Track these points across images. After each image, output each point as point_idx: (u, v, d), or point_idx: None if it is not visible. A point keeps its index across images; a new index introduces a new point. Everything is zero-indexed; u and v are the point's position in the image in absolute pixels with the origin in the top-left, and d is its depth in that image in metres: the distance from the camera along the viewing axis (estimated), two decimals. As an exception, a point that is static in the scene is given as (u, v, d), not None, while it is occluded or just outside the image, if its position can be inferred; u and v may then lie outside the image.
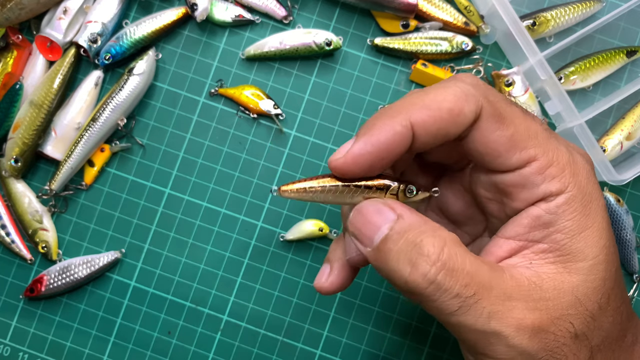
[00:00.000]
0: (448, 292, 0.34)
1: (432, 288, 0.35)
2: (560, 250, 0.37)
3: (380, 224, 0.36)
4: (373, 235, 0.37)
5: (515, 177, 0.38)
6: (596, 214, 0.37)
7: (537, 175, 0.37)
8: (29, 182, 0.62)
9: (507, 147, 0.37)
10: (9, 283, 0.62)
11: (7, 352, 0.61)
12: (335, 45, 0.61)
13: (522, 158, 0.37)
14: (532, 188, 0.37)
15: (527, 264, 0.37)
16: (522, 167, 0.37)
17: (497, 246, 0.39)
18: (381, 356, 0.61)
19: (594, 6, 0.63)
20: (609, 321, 0.38)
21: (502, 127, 0.37)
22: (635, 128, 0.62)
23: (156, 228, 0.62)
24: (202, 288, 0.62)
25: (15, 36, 0.61)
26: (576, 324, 0.36)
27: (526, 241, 0.38)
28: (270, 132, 0.63)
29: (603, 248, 0.37)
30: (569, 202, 0.37)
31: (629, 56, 0.62)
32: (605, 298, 0.37)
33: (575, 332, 0.36)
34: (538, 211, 0.37)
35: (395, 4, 0.60)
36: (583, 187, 0.37)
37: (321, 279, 0.43)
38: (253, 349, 0.61)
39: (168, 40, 0.63)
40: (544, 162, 0.37)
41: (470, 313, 0.35)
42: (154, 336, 0.61)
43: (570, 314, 0.36)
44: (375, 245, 0.36)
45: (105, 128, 0.60)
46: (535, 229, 0.38)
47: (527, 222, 0.38)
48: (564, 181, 0.37)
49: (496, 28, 0.62)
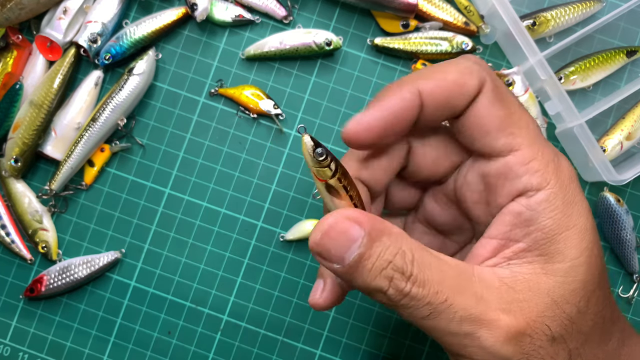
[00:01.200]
0: (420, 300, 0.34)
1: (406, 300, 0.35)
2: (539, 249, 0.37)
3: (350, 243, 0.35)
4: (344, 254, 0.35)
5: (499, 166, 0.38)
6: (579, 214, 0.37)
7: (520, 166, 0.37)
8: (29, 182, 0.62)
9: (497, 126, 0.37)
10: (9, 283, 0.62)
11: (7, 352, 0.61)
12: (335, 45, 0.61)
13: (507, 143, 0.37)
14: (514, 179, 0.37)
15: (505, 263, 0.37)
16: (506, 154, 0.37)
17: (481, 247, 0.39)
18: (381, 356, 0.62)
19: (594, 6, 0.63)
20: (588, 325, 0.37)
21: (497, 105, 0.37)
22: (635, 128, 0.62)
23: (156, 228, 0.62)
24: (202, 288, 0.62)
25: (15, 36, 0.61)
26: (553, 326, 0.36)
27: (507, 240, 0.38)
28: (270, 132, 0.63)
29: (584, 250, 0.37)
30: (549, 199, 0.37)
31: (629, 56, 0.62)
32: (584, 301, 0.37)
33: (552, 335, 0.36)
34: (518, 207, 0.37)
35: (395, 4, 0.60)
36: (565, 186, 0.37)
37: (315, 294, 0.41)
38: (253, 349, 0.61)
39: (168, 40, 0.63)
40: (528, 153, 0.37)
41: (442, 317, 0.35)
42: (154, 336, 0.61)
43: (547, 316, 0.36)
44: (347, 263, 0.35)
45: (105, 128, 0.60)
46: (516, 227, 0.37)
47: (508, 220, 0.38)
48: (546, 176, 0.37)
49: (496, 28, 0.62)
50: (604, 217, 0.61)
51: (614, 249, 0.61)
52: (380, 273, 0.35)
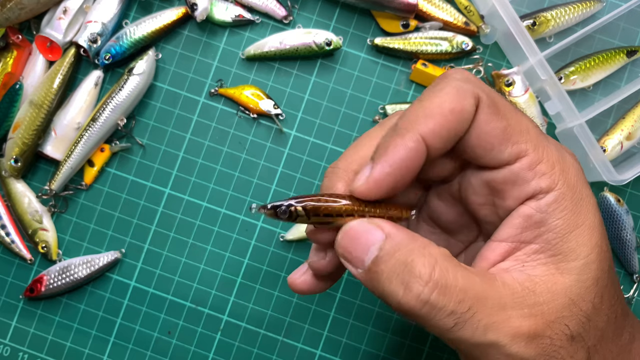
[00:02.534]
0: (443, 310, 0.34)
1: (426, 309, 0.34)
2: (551, 250, 0.37)
3: (369, 245, 0.36)
4: (363, 257, 0.36)
5: (506, 174, 0.37)
6: (587, 211, 0.37)
7: (527, 171, 0.37)
8: (29, 182, 0.62)
9: (500, 139, 0.37)
10: (9, 283, 0.62)
11: (7, 352, 0.61)
12: (335, 45, 0.61)
13: (513, 152, 0.37)
14: (522, 184, 0.37)
15: (520, 266, 0.37)
16: (512, 162, 0.37)
17: (490, 250, 0.39)
18: (381, 356, 0.61)
19: (594, 6, 0.63)
20: (603, 320, 0.38)
21: (496, 118, 0.37)
22: (636, 128, 0.62)
23: (156, 228, 0.62)
24: (202, 288, 0.62)
25: (15, 36, 0.61)
26: (571, 325, 0.36)
27: (518, 242, 0.38)
28: (270, 132, 0.63)
29: (595, 247, 0.37)
30: (558, 200, 0.36)
31: (629, 56, 0.62)
32: (599, 297, 0.37)
33: (571, 334, 0.36)
34: (529, 210, 0.37)
35: (395, 4, 0.60)
36: (573, 184, 0.37)
37: (295, 274, 0.43)
38: (253, 349, 0.61)
39: (168, 40, 0.63)
40: (535, 157, 0.37)
41: (467, 328, 0.34)
42: (154, 336, 0.61)
43: (565, 315, 0.36)
44: (366, 266, 0.36)
45: (105, 128, 0.60)
46: (527, 229, 0.37)
47: (518, 223, 0.37)
48: (553, 178, 0.37)
49: (496, 28, 0.62)
50: (604, 217, 0.61)
51: (614, 249, 0.61)
52: (396, 277, 0.35)
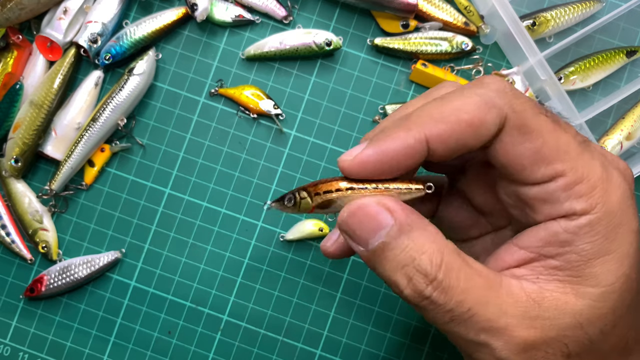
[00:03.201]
0: (442, 306, 0.34)
1: (426, 302, 0.34)
2: (571, 270, 0.35)
3: (377, 229, 0.35)
4: (369, 239, 0.35)
5: (538, 191, 0.36)
6: (623, 239, 0.35)
7: (562, 192, 0.34)
8: (29, 182, 0.62)
9: (531, 161, 0.35)
10: (9, 283, 0.62)
11: (7, 352, 0.61)
12: (335, 45, 0.61)
13: (547, 173, 0.35)
14: (554, 204, 0.35)
15: (534, 277, 0.36)
16: (547, 181, 0.35)
17: (508, 253, 0.37)
18: (381, 356, 0.61)
19: (594, 6, 0.63)
20: (609, 344, 0.36)
21: (527, 140, 0.34)
22: (635, 128, 0.62)
23: (156, 228, 0.62)
24: (202, 288, 0.62)
25: (15, 36, 0.61)
26: (571, 345, 0.35)
27: (538, 254, 0.36)
28: (270, 132, 0.63)
29: (621, 276, 0.34)
30: (592, 224, 0.34)
31: (629, 56, 0.62)
32: (610, 325, 0.35)
33: (569, 353, 0.35)
34: (557, 228, 0.35)
35: (395, 4, 0.60)
36: (613, 209, 0.34)
37: (327, 242, 0.43)
38: (253, 349, 0.61)
39: (168, 40, 0.63)
40: (572, 178, 0.34)
41: (462, 325, 0.34)
42: (154, 336, 0.61)
43: (567, 335, 0.35)
44: (370, 248, 0.35)
45: (105, 128, 0.60)
46: (551, 245, 0.35)
47: (543, 236, 0.36)
48: (591, 202, 0.34)
49: (496, 28, 0.62)
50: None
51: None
52: (401, 269, 0.34)
